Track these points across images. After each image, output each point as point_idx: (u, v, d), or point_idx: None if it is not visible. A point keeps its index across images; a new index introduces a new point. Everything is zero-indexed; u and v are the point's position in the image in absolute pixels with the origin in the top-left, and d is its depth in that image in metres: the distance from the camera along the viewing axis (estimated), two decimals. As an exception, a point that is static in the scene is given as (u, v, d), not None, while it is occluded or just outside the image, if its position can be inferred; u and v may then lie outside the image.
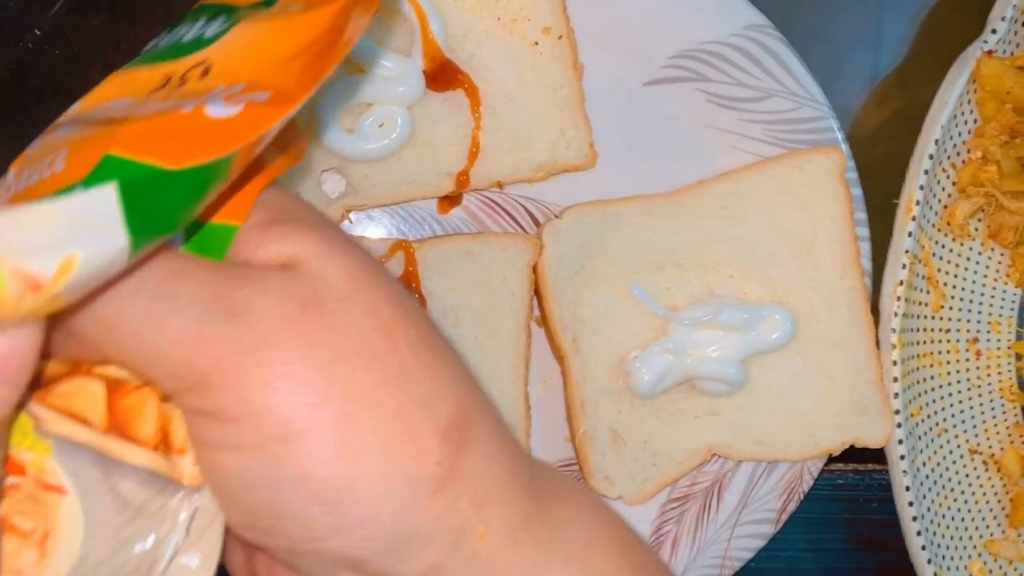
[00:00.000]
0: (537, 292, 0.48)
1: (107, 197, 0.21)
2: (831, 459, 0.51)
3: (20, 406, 0.24)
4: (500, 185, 0.48)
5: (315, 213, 0.27)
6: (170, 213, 0.23)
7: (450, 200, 0.48)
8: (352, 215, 0.48)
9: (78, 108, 0.26)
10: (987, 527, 0.52)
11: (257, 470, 0.24)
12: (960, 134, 0.49)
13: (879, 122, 0.54)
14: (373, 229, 0.48)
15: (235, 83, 0.25)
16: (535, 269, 0.48)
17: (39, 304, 0.20)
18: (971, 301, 0.52)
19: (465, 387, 0.27)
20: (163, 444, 0.25)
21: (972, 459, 0.52)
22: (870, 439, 0.49)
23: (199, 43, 0.27)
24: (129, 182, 0.21)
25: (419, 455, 0.25)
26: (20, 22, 0.49)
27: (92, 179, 0.23)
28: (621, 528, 0.30)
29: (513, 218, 0.49)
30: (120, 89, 0.26)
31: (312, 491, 0.24)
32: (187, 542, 0.26)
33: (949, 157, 0.49)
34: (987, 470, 0.52)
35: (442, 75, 0.45)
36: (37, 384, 0.25)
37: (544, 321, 0.48)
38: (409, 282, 0.46)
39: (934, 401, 0.51)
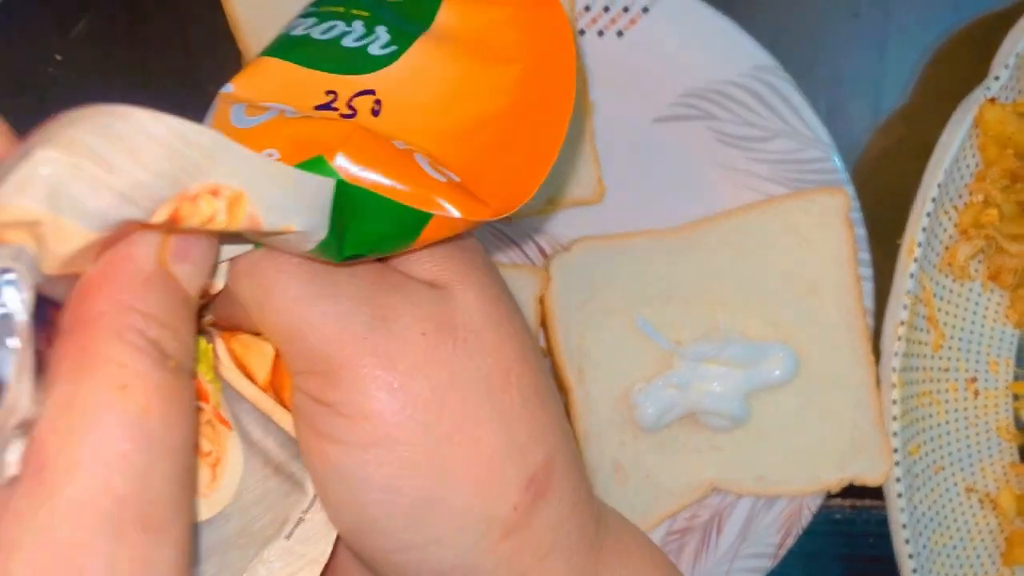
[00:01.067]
0: (543, 323, 0.49)
1: (327, 186, 0.22)
2: (829, 494, 0.51)
3: (207, 336, 0.27)
4: (509, 217, 0.49)
5: (470, 238, 0.28)
6: (363, 241, 0.24)
7: (460, 231, 0.49)
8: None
9: (235, 92, 0.26)
10: (982, 565, 0.52)
11: (356, 469, 0.25)
12: (962, 177, 0.50)
13: (883, 160, 0.54)
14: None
15: (415, 146, 0.25)
16: (542, 301, 0.48)
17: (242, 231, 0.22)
18: (970, 341, 0.53)
19: (558, 436, 0.27)
20: None
21: (968, 497, 0.52)
22: (869, 477, 0.49)
23: (363, 59, 0.26)
24: (342, 185, 0.23)
25: (501, 496, 0.26)
26: (42, 47, 0.49)
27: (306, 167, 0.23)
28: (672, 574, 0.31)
29: (521, 250, 0.50)
30: (281, 88, 0.26)
31: (398, 503, 0.25)
32: (311, 511, 0.27)
33: (951, 199, 0.50)
34: (983, 509, 0.53)
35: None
36: (225, 327, 0.27)
37: (550, 352, 0.49)
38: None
39: (932, 440, 0.51)
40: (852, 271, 0.49)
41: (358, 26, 0.27)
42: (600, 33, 0.48)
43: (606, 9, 0.48)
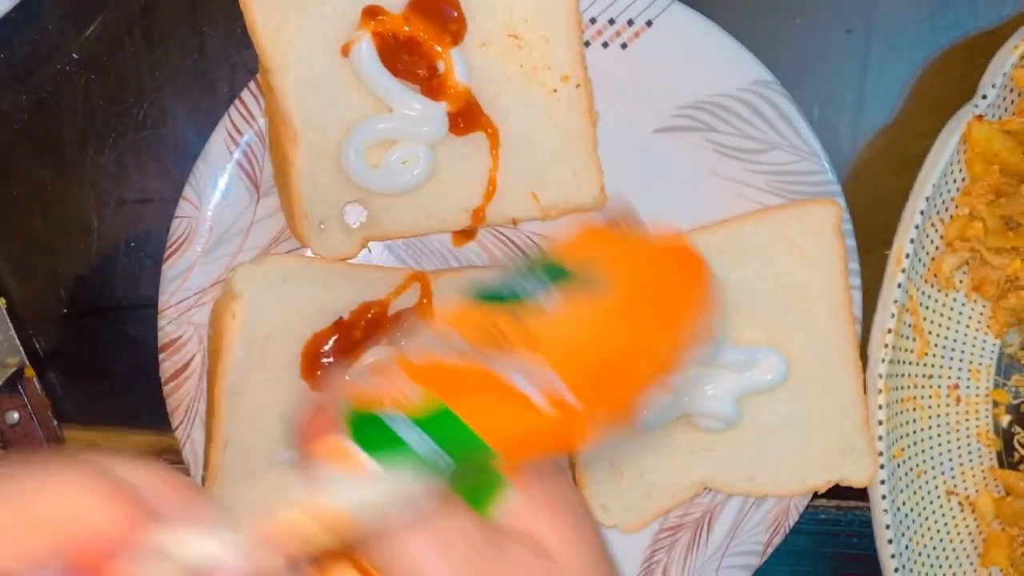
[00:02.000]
0: (544, 326, 0.50)
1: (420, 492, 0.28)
2: (815, 494, 0.53)
3: None
4: (514, 222, 0.50)
5: (571, 492, 0.33)
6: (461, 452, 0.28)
7: (465, 234, 0.50)
8: (371, 245, 0.50)
9: (430, 326, 0.30)
10: (960, 565, 0.54)
11: None
12: (949, 191, 0.52)
13: (871, 172, 0.56)
14: (391, 259, 0.50)
15: (557, 375, 0.29)
16: (543, 304, 0.49)
17: None
18: (953, 349, 0.55)
19: None
20: None
21: (948, 500, 0.54)
22: (855, 479, 0.51)
23: (530, 306, 0.31)
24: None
25: None
26: (58, 46, 0.50)
27: (428, 423, 0.28)
28: None
29: (525, 255, 0.51)
30: (460, 322, 0.30)
31: None
32: None
33: (938, 212, 0.52)
34: (962, 511, 0.55)
35: (465, 117, 0.47)
36: (316, 561, 0.30)
37: (550, 354, 0.50)
38: (424, 312, 0.48)
39: (915, 444, 0.53)
40: (843, 280, 0.51)
41: (537, 280, 0.32)
42: (605, 45, 0.49)
43: (611, 22, 0.49)
